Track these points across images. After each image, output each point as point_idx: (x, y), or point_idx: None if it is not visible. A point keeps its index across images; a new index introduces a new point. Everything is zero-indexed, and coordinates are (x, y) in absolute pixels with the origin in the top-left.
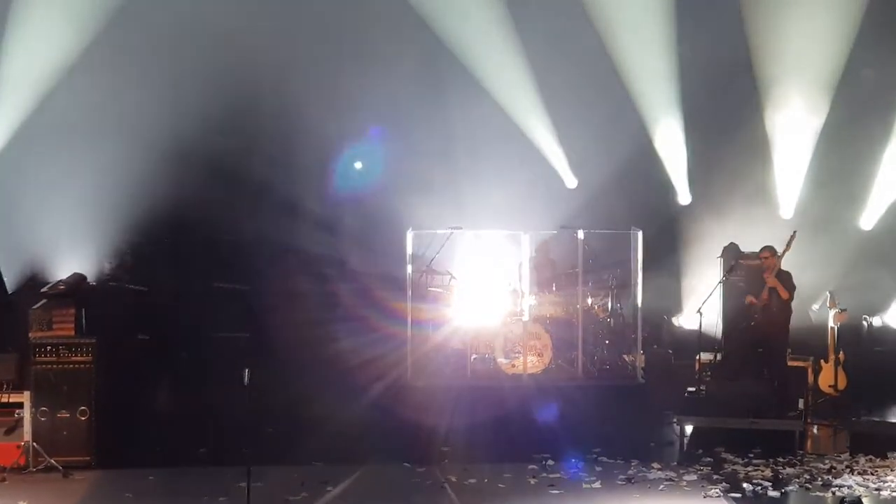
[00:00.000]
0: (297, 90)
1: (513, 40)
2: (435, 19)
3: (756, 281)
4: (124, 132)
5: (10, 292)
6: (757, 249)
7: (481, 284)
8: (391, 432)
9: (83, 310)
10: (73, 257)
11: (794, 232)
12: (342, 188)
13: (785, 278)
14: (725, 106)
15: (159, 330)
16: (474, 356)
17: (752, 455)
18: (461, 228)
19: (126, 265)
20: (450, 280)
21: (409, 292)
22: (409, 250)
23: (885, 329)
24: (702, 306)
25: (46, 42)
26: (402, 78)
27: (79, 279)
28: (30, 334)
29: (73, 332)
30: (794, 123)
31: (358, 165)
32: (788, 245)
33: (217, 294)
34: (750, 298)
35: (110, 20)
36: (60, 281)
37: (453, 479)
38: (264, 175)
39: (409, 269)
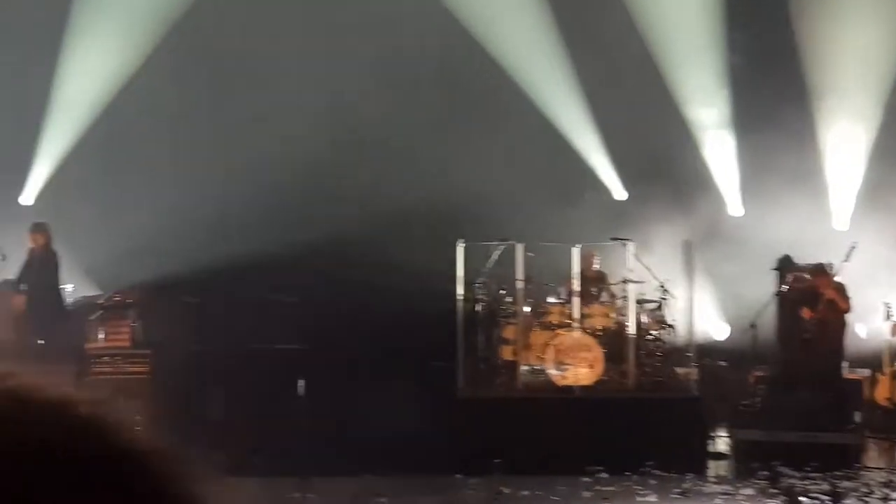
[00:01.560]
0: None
1: (562, 52)
2: (483, 35)
3: (811, 293)
4: (179, 146)
5: (67, 303)
6: (811, 262)
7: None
8: (443, 443)
9: (139, 321)
10: (129, 269)
11: (854, 244)
12: None
13: (841, 290)
14: (778, 116)
15: (214, 340)
16: (524, 367)
17: (808, 469)
18: (510, 241)
19: (178, 276)
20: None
21: (460, 305)
22: (460, 262)
23: None
24: (756, 319)
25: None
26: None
27: (133, 290)
28: (86, 345)
29: (129, 343)
30: (847, 129)
31: None
32: (848, 257)
33: (271, 305)
34: (805, 312)
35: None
36: (116, 292)
37: (506, 490)
38: (312, 181)
39: (460, 281)
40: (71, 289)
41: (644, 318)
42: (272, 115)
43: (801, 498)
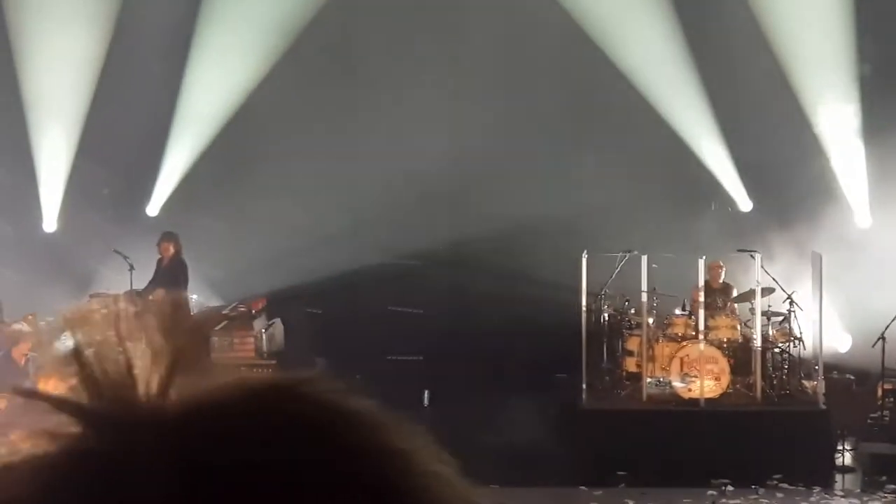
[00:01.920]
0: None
1: (687, 62)
2: (608, 45)
3: None
4: (305, 158)
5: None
6: None
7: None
8: (567, 455)
9: (262, 331)
10: (253, 280)
11: None
12: None
13: None
14: None
15: (337, 351)
16: (649, 380)
17: None
18: (634, 252)
19: (302, 287)
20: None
21: (584, 316)
22: (584, 273)
23: None
24: (885, 331)
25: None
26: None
27: (257, 300)
28: (211, 356)
29: (252, 354)
30: None
31: None
32: None
33: (395, 316)
34: None
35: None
36: (241, 302)
37: (631, 503)
38: (437, 194)
39: (584, 292)
40: (195, 299)
41: (770, 331)
42: (398, 126)
43: None
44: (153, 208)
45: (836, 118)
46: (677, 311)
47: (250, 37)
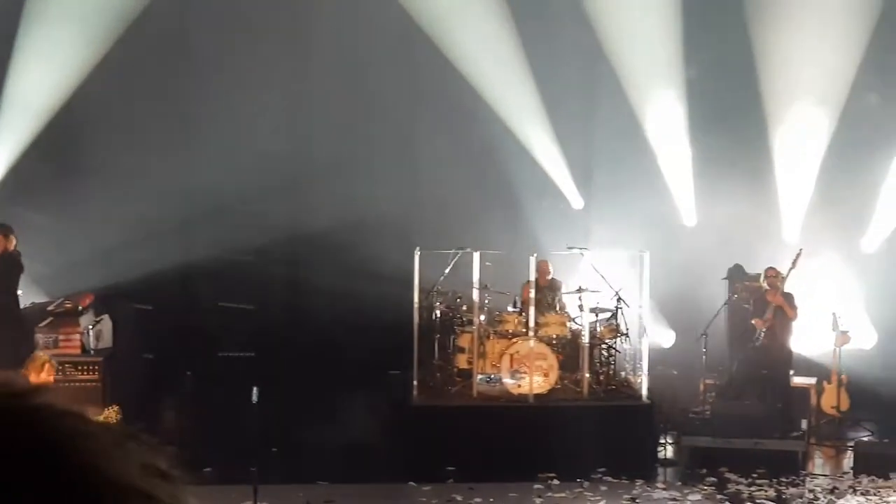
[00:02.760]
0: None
1: (523, 62)
2: (445, 44)
3: (760, 302)
4: (134, 152)
5: (20, 309)
6: (761, 271)
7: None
8: (396, 451)
9: (89, 328)
10: (81, 276)
11: (801, 250)
12: None
13: (789, 299)
14: (731, 127)
15: (164, 348)
16: (480, 376)
17: (755, 475)
18: (467, 249)
19: (131, 283)
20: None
21: (416, 312)
22: (416, 270)
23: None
24: (707, 328)
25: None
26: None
27: (84, 296)
28: (36, 352)
29: (79, 350)
30: (799, 145)
31: None
32: (794, 263)
33: (223, 313)
34: (756, 321)
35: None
36: (67, 298)
37: (459, 497)
38: (271, 189)
39: (416, 288)
40: (20, 294)
41: (598, 327)
42: (233, 119)
43: None
44: None
45: (663, 119)
46: (508, 308)
47: (79, 27)
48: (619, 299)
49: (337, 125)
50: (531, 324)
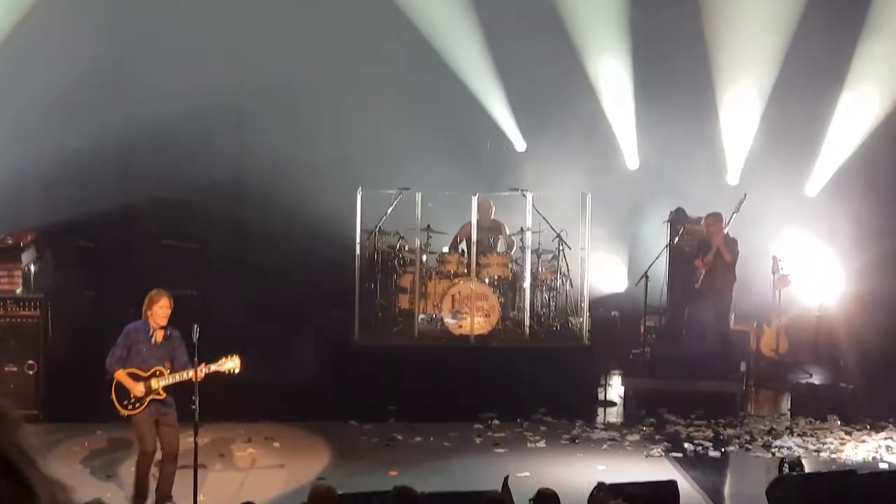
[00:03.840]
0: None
1: (466, 4)
2: None
3: (704, 245)
4: (75, 87)
5: None
6: (703, 214)
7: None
8: (338, 391)
9: (31, 265)
10: (20, 211)
11: (745, 195)
12: None
13: (731, 242)
14: (675, 70)
15: (107, 286)
16: (421, 316)
17: (693, 416)
18: (409, 189)
19: (73, 220)
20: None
21: (358, 252)
22: (359, 210)
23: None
24: (648, 270)
25: None
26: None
27: (25, 233)
28: None
29: (20, 287)
30: (742, 89)
31: None
32: (738, 208)
33: (166, 251)
34: (697, 262)
35: None
36: (7, 235)
37: (399, 437)
38: (215, 128)
39: (359, 228)
40: None
41: (540, 269)
42: (175, 58)
43: (685, 444)
44: None
45: (607, 62)
46: (445, 249)
47: None
48: (560, 241)
49: (280, 63)
50: (473, 265)
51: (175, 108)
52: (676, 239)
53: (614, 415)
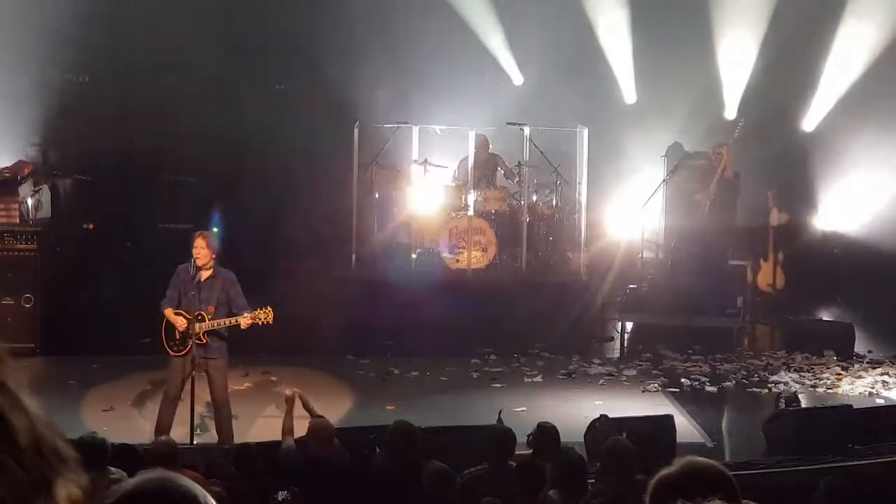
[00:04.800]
0: None
1: None
2: None
3: (705, 179)
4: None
5: None
6: (701, 149)
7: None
8: (335, 325)
9: (28, 198)
10: (17, 145)
11: (742, 119)
12: None
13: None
14: (672, 4)
15: (104, 219)
16: (419, 250)
17: (690, 351)
18: (407, 124)
19: (71, 154)
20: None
21: (355, 189)
22: (356, 145)
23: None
24: (645, 204)
25: None
26: None
27: (23, 166)
28: None
29: (17, 220)
30: (740, 22)
31: None
32: (736, 131)
33: (162, 185)
34: (699, 195)
35: None
36: (5, 168)
37: (396, 371)
38: (209, 63)
39: (356, 163)
40: None
41: (538, 203)
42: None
43: (682, 380)
44: None
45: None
46: (447, 183)
47: None
48: (557, 175)
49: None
50: (470, 199)
51: (173, 43)
52: (673, 174)
53: (611, 350)
